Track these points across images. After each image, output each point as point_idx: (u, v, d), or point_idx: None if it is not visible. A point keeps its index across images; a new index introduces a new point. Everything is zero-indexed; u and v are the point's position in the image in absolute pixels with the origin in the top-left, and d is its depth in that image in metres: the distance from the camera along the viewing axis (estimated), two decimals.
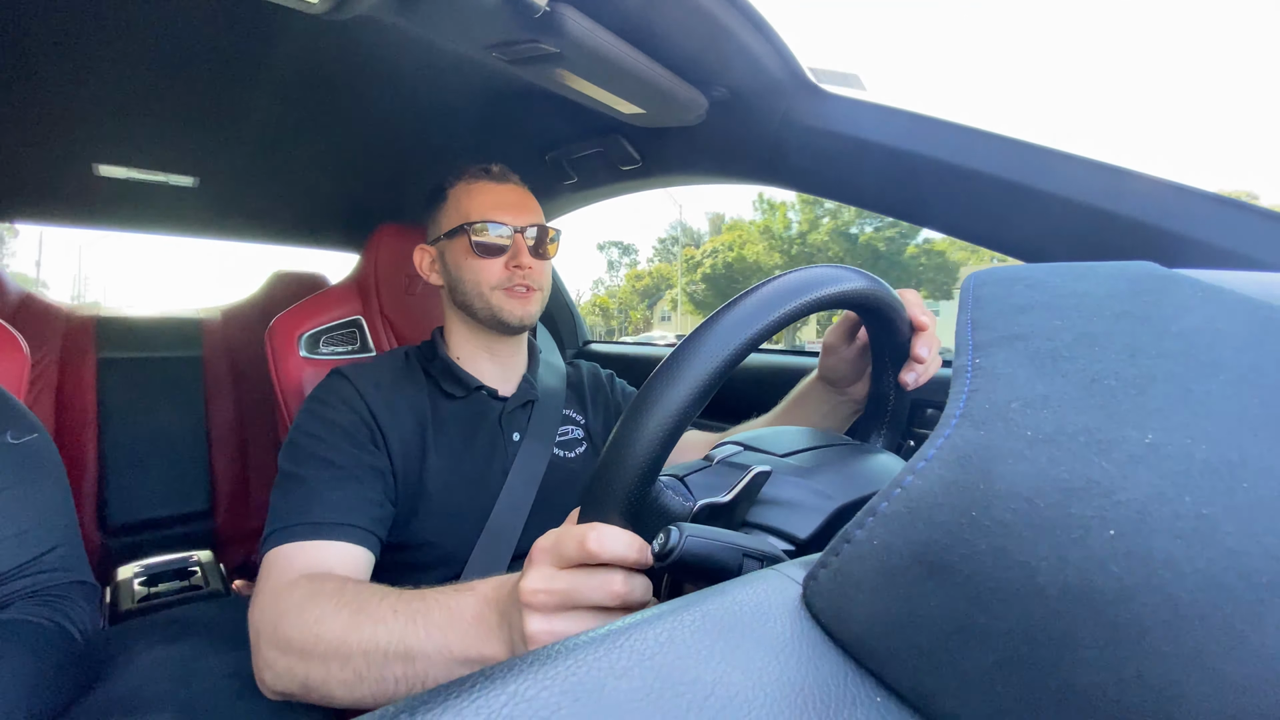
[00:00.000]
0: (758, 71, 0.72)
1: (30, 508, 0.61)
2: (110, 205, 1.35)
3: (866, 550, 0.23)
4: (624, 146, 0.96)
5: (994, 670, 0.19)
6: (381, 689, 0.44)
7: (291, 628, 0.49)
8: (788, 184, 0.83)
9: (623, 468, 0.33)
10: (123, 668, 0.65)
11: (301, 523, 0.60)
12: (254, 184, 1.30)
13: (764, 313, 0.34)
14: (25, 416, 0.66)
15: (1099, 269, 0.26)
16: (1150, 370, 0.20)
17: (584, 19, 0.59)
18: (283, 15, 0.62)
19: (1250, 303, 0.21)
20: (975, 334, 0.25)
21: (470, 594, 0.43)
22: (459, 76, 0.87)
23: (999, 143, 0.63)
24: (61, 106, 0.91)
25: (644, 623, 0.23)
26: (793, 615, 0.24)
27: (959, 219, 0.66)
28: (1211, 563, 0.16)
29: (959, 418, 0.22)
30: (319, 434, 0.68)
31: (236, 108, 0.95)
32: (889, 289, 0.44)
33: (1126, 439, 0.19)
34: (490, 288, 0.77)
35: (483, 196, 0.79)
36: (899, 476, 0.22)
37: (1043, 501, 0.19)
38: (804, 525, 0.36)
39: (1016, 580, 0.18)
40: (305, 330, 0.97)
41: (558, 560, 0.35)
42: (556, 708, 0.18)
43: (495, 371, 0.83)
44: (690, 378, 0.32)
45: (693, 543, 0.31)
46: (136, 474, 1.44)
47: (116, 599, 1.17)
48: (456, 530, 0.72)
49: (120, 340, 1.48)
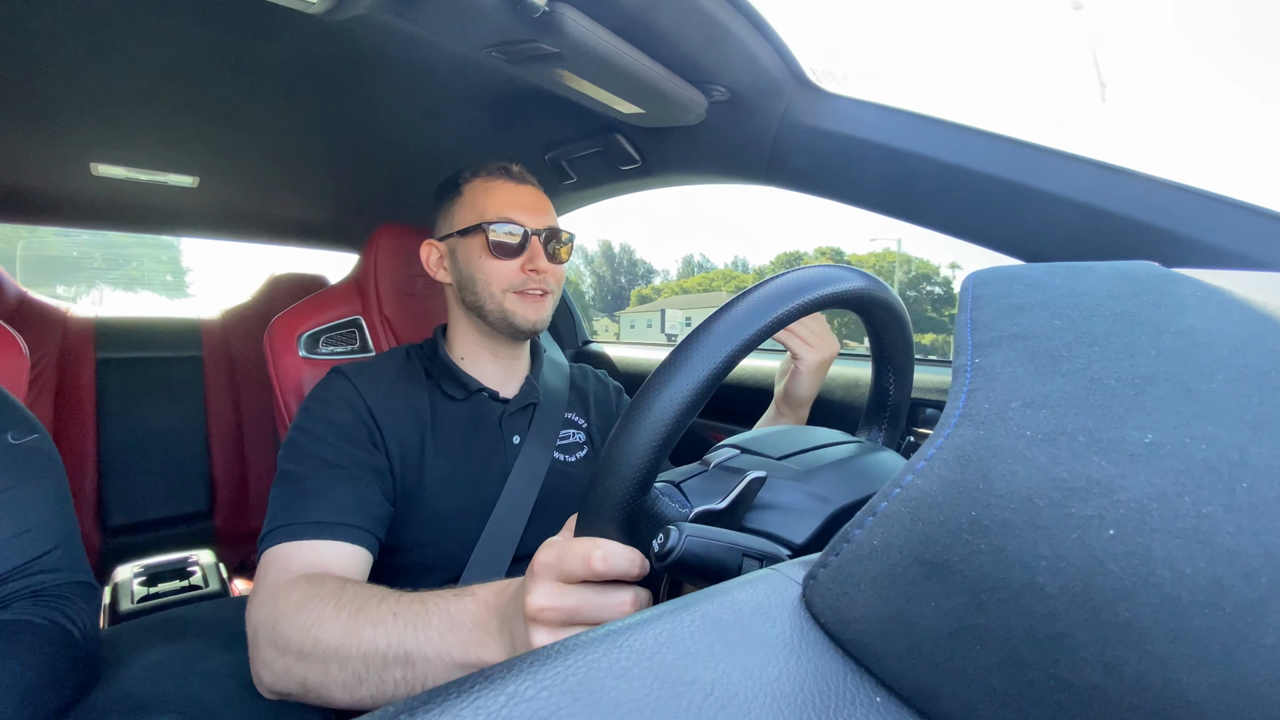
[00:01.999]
0: (757, 71, 0.72)
1: (30, 508, 0.61)
2: (110, 205, 1.34)
3: (866, 550, 0.23)
4: (624, 146, 0.96)
5: (994, 670, 0.19)
6: (381, 691, 0.44)
7: (290, 628, 0.49)
8: (787, 184, 0.83)
9: (618, 476, 0.33)
10: (122, 668, 0.65)
11: (300, 522, 0.60)
12: (254, 184, 1.30)
13: (760, 315, 0.33)
14: (26, 417, 0.66)
15: (1098, 269, 0.26)
16: (1150, 370, 0.20)
17: (584, 19, 0.59)
18: (282, 15, 0.62)
19: (1249, 302, 0.21)
20: (975, 334, 0.25)
21: (470, 599, 0.43)
22: (459, 76, 0.87)
23: (999, 142, 0.63)
24: (60, 106, 0.91)
25: (644, 623, 0.23)
26: (792, 615, 0.24)
27: (959, 219, 0.66)
28: (1211, 562, 0.16)
29: (959, 417, 0.22)
30: (318, 433, 0.68)
31: (236, 108, 0.95)
32: (888, 288, 0.44)
33: (1126, 439, 0.19)
34: (503, 289, 0.76)
35: (501, 195, 0.78)
36: (898, 476, 0.22)
37: (1042, 501, 0.19)
38: (800, 530, 0.36)
39: (1016, 580, 0.18)
40: (304, 330, 0.97)
41: (562, 576, 0.35)
42: (556, 708, 0.18)
43: (497, 373, 0.83)
44: (685, 383, 0.32)
45: (692, 542, 0.31)
46: (136, 474, 1.44)
47: (116, 599, 1.16)
48: (456, 533, 0.72)
49: (119, 341, 1.48)
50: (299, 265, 1.72)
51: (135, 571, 1.25)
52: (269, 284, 1.66)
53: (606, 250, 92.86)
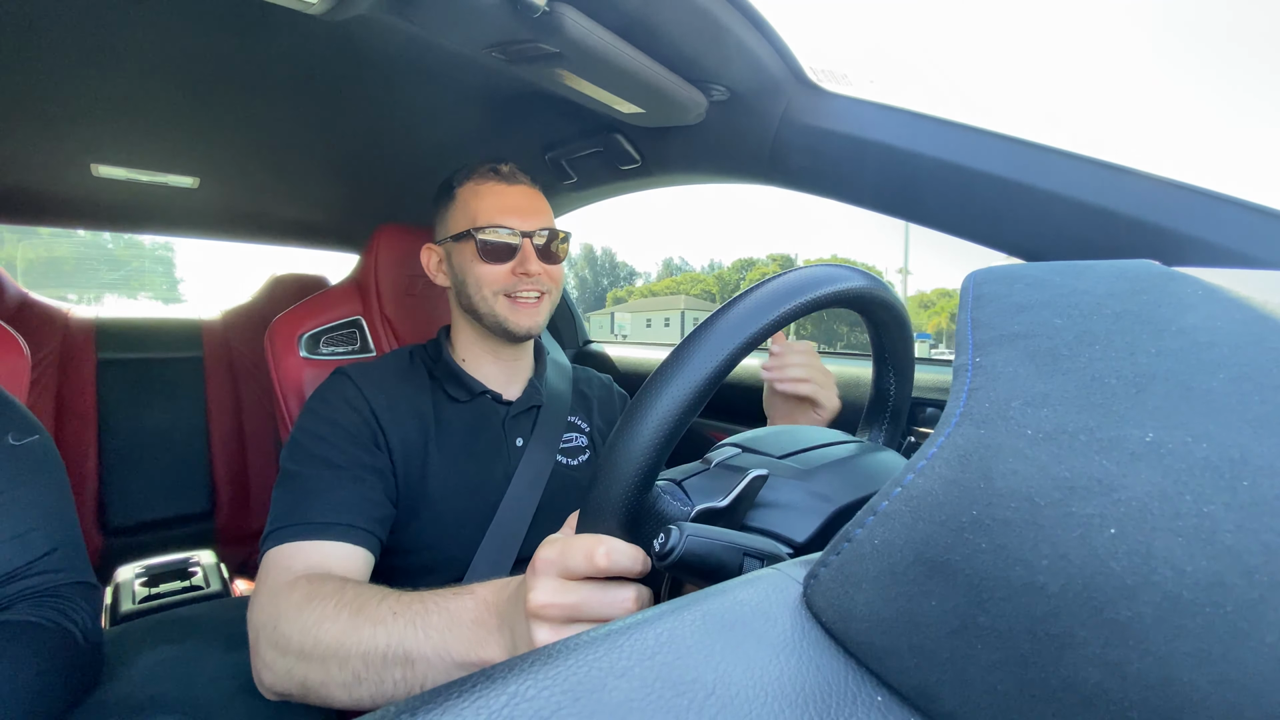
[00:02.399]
0: (757, 70, 0.72)
1: (31, 509, 0.61)
2: (110, 206, 1.34)
3: (867, 549, 0.23)
4: (624, 146, 0.96)
5: (995, 669, 0.19)
6: (380, 691, 0.44)
7: (291, 628, 0.49)
8: (787, 183, 0.83)
9: (620, 475, 0.33)
10: (124, 668, 0.66)
11: (301, 522, 0.60)
12: (254, 184, 1.30)
13: (761, 314, 0.34)
14: (26, 418, 0.66)
15: (1099, 267, 0.26)
16: (1150, 368, 0.20)
17: (583, 19, 0.59)
18: (282, 15, 0.62)
19: (1250, 301, 0.21)
20: (975, 333, 0.25)
21: (470, 597, 0.43)
22: (459, 76, 0.87)
23: (999, 141, 0.63)
24: (60, 107, 0.91)
25: (645, 622, 0.23)
26: (794, 614, 0.24)
27: (958, 217, 0.66)
28: (1212, 561, 0.16)
29: (959, 416, 0.22)
30: (321, 434, 0.68)
31: (237, 108, 0.95)
32: (888, 288, 0.44)
33: (1127, 437, 0.19)
34: (495, 293, 0.76)
35: (491, 199, 0.77)
36: (899, 475, 0.22)
37: (1043, 500, 0.19)
38: (802, 529, 0.36)
39: (1018, 579, 0.18)
40: (305, 331, 0.97)
41: (565, 572, 0.35)
42: (557, 708, 0.18)
43: (500, 375, 0.83)
44: (686, 381, 0.32)
45: (693, 542, 0.31)
46: (137, 475, 1.44)
47: (118, 599, 1.17)
48: (458, 534, 0.72)
49: (120, 341, 1.49)
50: (298, 267, 1.72)
51: (137, 572, 1.26)
52: (270, 284, 1.66)
53: (589, 253, 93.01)
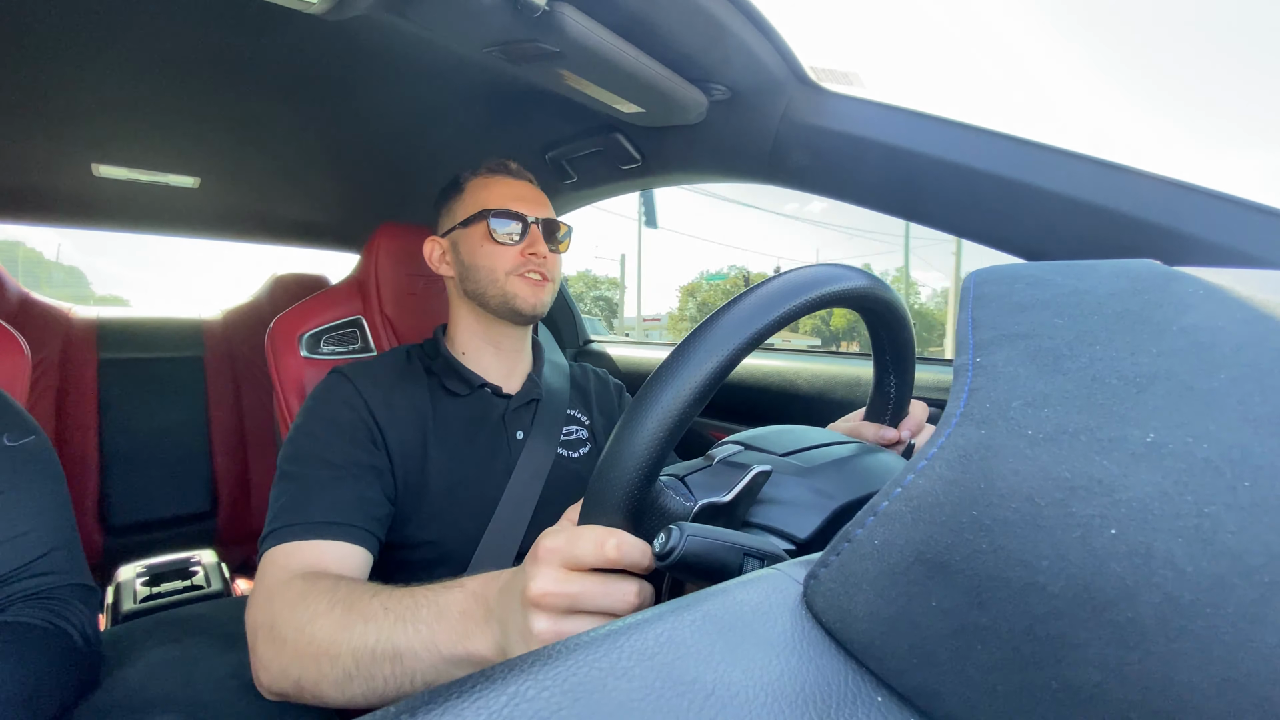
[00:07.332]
0: (757, 70, 0.72)
1: (28, 510, 0.61)
2: (110, 205, 1.35)
3: (867, 549, 0.23)
4: (624, 145, 0.96)
5: (995, 669, 0.19)
6: (371, 688, 0.43)
7: (286, 627, 0.49)
8: (788, 183, 0.83)
9: (623, 468, 0.33)
10: (125, 668, 0.65)
11: (299, 522, 0.60)
12: (255, 184, 1.30)
13: (764, 312, 0.34)
14: (23, 418, 0.66)
15: (1100, 267, 0.26)
16: (1151, 368, 0.20)
17: (584, 18, 0.59)
18: (283, 15, 0.62)
19: (1251, 300, 0.21)
20: (976, 332, 0.25)
21: (458, 590, 0.43)
22: (459, 76, 0.87)
23: (1000, 140, 0.63)
24: (61, 106, 0.91)
25: (645, 622, 0.23)
26: (794, 615, 0.24)
27: (959, 217, 0.66)
28: (1213, 561, 0.16)
29: (960, 416, 0.22)
30: (318, 433, 0.68)
31: (237, 108, 0.95)
32: (889, 288, 0.44)
33: (1128, 438, 0.19)
34: (505, 273, 0.78)
35: (501, 189, 0.81)
36: (900, 475, 0.22)
37: (1044, 500, 0.19)
38: (804, 525, 0.36)
39: (1018, 579, 0.18)
40: (306, 330, 0.97)
41: (570, 562, 0.35)
42: (557, 708, 0.18)
43: (499, 368, 0.83)
44: (690, 377, 0.32)
45: (694, 542, 0.31)
46: (138, 474, 1.44)
47: (118, 599, 1.17)
48: (459, 529, 0.72)
49: (121, 341, 1.49)
50: (298, 267, 1.72)
51: (137, 571, 1.26)
52: (270, 284, 1.66)
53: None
